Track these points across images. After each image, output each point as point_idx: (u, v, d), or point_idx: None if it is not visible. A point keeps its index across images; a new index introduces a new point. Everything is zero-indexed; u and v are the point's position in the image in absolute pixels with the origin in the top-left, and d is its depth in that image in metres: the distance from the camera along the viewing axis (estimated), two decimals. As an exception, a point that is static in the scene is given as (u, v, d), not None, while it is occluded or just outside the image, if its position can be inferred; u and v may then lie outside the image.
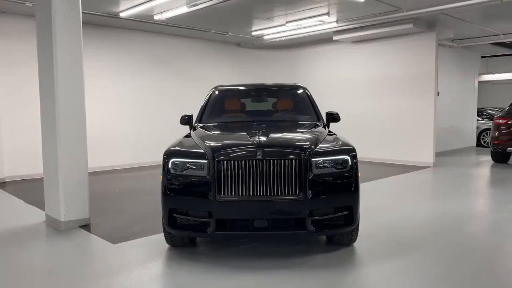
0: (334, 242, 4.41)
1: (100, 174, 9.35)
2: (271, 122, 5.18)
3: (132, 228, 5.24)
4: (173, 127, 11.08)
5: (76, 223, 5.28)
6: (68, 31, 5.10)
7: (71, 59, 5.15)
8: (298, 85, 5.89)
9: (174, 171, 3.94)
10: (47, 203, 5.53)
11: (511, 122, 9.95)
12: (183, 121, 5.38)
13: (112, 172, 9.71)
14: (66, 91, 5.13)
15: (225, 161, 3.76)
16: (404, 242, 4.63)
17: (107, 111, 9.96)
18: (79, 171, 5.31)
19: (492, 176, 9.04)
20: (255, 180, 3.74)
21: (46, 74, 5.26)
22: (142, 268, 3.92)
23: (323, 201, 3.83)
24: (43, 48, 5.29)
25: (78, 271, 3.89)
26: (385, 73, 11.07)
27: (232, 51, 12.63)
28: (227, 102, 5.67)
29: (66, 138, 5.16)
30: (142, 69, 10.66)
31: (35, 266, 4.11)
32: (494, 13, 9.21)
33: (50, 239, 4.90)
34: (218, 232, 3.80)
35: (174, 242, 4.34)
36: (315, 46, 12.48)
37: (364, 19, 9.31)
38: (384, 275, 3.72)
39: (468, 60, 14.21)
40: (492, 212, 5.98)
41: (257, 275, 3.73)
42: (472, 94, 14.69)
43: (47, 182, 5.49)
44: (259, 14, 9.21)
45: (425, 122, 10.35)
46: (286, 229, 3.84)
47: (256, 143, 3.84)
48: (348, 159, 3.96)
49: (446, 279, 3.63)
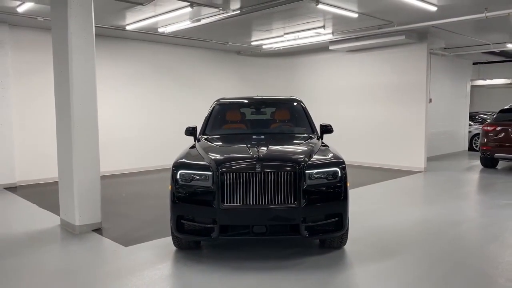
0: (326, 246, 4.86)
1: (106, 179, 9.76)
2: (269, 134, 5.63)
3: (141, 231, 5.69)
4: (175, 132, 11.57)
5: (89, 227, 5.73)
6: (82, 51, 5.55)
7: (85, 77, 5.60)
8: (294, 98, 6.35)
9: (181, 182, 4.39)
10: (62, 208, 5.97)
11: (499, 129, 10.41)
12: (188, 133, 5.83)
13: (117, 176, 10.14)
14: (80, 106, 5.57)
15: (227, 173, 4.21)
16: (390, 245, 5.08)
17: (110, 117, 10.39)
18: (92, 179, 5.76)
19: (480, 181, 9.49)
20: (255, 190, 4.19)
21: (62, 89, 5.71)
22: (152, 269, 4.37)
23: (316, 209, 4.29)
24: (59, 66, 5.74)
25: (96, 272, 4.34)
26: (379, 81, 11.53)
27: (232, 59, 13.08)
28: (229, 114, 6.13)
29: (80, 149, 5.61)
30: (145, 76, 11.11)
31: (55, 267, 4.55)
32: (482, 26, 9.67)
33: (66, 242, 5.34)
34: (222, 236, 4.25)
35: (181, 245, 4.79)
36: (312, 55, 12.95)
37: (358, 32, 9.78)
38: (371, 275, 4.18)
39: (460, 67, 14.69)
40: (477, 217, 6.42)
41: (257, 275, 4.18)
42: (464, 100, 15.16)
43: (62, 189, 5.94)
44: (259, 27, 9.66)
45: (417, 128, 10.82)
46: (282, 234, 4.29)
47: (255, 157, 4.29)
48: (338, 170, 4.41)
49: (428, 279, 4.08)
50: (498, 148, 10.36)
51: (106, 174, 10.14)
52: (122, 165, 10.61)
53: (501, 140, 10.32)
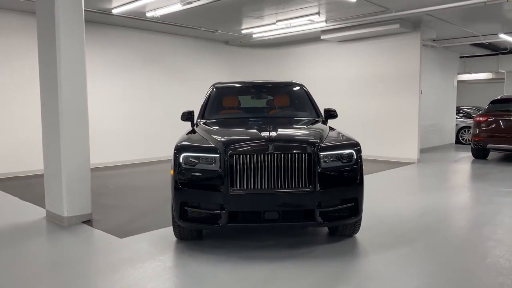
0: (338, 233, 4.60)
1: (92, 171, 9.25)
2: (274, 118, 5.32)
3: (135, 223, 5.30)
4: (162, 123, 11.17)
5: (79, 219, 5.31)
6: (71, 26, 5.12)
7: (75, 55, 5.17)
8: (296, 82, 6.06)
9: (185, 165, 4.03)
10: (48, 199, 5.53)
11: (491, 119, 10.37)
12: (184, 118, 5.45)
13: (103, 169, 9.66)
14: (69, 87, 5.14)
15: (237, 155, 3.88)
16: (402, 233, 4.85)
17: (95, 108, 9.87)
18: (82, 166, 5.34)
19: (475, 171, 9.40)
20: (266, 173, 3.87)
21: (48, 69, 5.26)
22: (154, 260, 4.01)
23: (331, 194, 4.00)
24: (45, 43, 5.28)
25: (93, 264, 3.95)
26: (370, 71, 11.36)
27: (220, 49, 12.71)
28: (229, 99, 5.78)
29: (69, 134, 5.18)
30: (132, 65, 10.64)
31: (47, 259, 4.14)
32: (475, 15, 9.60)
33: (55, 234, 4.91)
34: (230, 224, 3.92)
35: (182, 235, 4.44)
36: (302, 45, 12.68)
37: (353, 19, 9.56)
38: (389, 262, 3.92)
39: (448, 60, 14.69)
40: (482, 204, 6.26)
41: (268, 264, 3.87)
42: (452, 93, 15.19)
43: (49, 178, 5.49)
44: (250, 13, 9.33)
45: (410, 120, 10.69)
46: (295, 220, 3.99)
47: (267, 138, 3.97)
48: (354, 153, 4.13)
49: (449, 266, 3.86)
50: (491, 138, 10.32)
51: (92, 167, 9.63)
52: (108, 157, 10.11)
53: (493, 130, 10.29)
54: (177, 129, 11.54)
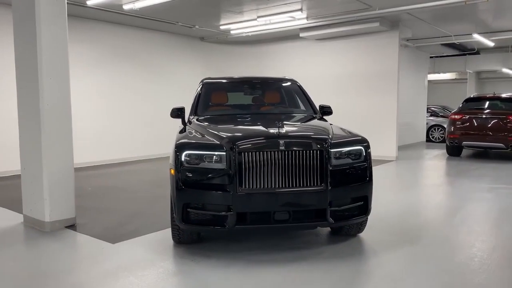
0: (343, 233, 4.45)
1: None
2: (273, 114, 5.11)
3: (125, 227, 4.96)
4: (136, 122, 10.72)
5: (62, 223, 4.90)
6: (53, 13, 4.71)
7: (57, 46, 4.77)
8: (290, 78, 5.88)
9: (188, 164, 3.75)
10: (27, 203, 5.07)
11: (465, 118, 10.61)
12: (174, 114, 5.11)
13: (77, 170, 9.06)
14: (51, 81, 4.73)
15: (246, 152, 3.65)
16: (405, 230, 4.77)
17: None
18: (65, 166, 4.93)
19: (454, 168, 9.51)
20: (277, 171, 3.66)
21: (26, 62, 4.82)
22: (155, 267, 3.71)
23: (342, 192, 3.84)
24: (22, 35, 4.84)
25: (88, 273, 3.60)
26: (349, 70, 11.36)
27: (195, 45, 12.37)
28: (224, 95, 5.52)
29: (51, 131, 4.76)
30: (105, 61, 10.13)
31: (34, 271, 3.74)
32: (451, 15, 9.80)
33: (38, 241, 4.49)
34: (238, 226, 3.68)
35: (182, 239, 4.15)
36: (280, 43, 12.54)
37: (334, 16, 9.50)
38: (404, 261, 3.81)
39: (420, 59, 14.99)
40: (472, 200, 6.29)
41: (279, 268, 3.67)
42: (423, 92, 15.51)
43: (27, 180, 5.04)
44: (231, 8, 9.08)
45: (388, 118, 10.78)
46: (306, 220, 3.80)
47: (277, 134, 3.76)
48: (363, 149, 4.00)
49: (469, 265, 3.79)
50: (465, 136, 10.55)
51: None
52: (81, 158, 9.54)
53: (468, 128, 10.52)
54: (152, 128, 11.25)
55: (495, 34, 11.86)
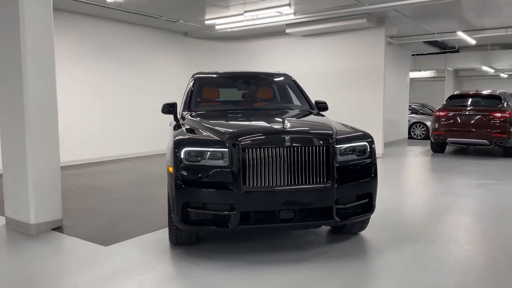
0: (345, 231, 4.34)
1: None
2: (270, 109, 4.96)
3: (116, 228, 4.72)
4: (119, 118, 10.38)
5: (48, 226, 4.62)
6: (37, 2, 4.42)
7: (42, 35, 4.48)
8: (286, 74, 5.76)
9: (187, 162, 3.56)
10: (9, 204, 4.77)
11: (450, 114, 10.70)
12: (165, 110, 4.92)
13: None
14: (35, 74, 4.44)
15: (250, 148, 3.48)
16: (406, 228, 4.71)
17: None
18: (51, 165, 4.66)
19: (441, 164, 9.53)
20: (282, 168, 3.51)
21: (7, 54, 4.52)
22: (154, 270, 3.51)
23: (348, 189, 3.72)
24: (4, 23, 4.53)
25: (82, 278, 3.36)
26: (334, 67, 11.30)
27: (178, 41, 12.08)
28: (218, 90, 5.33)
29: (36, 128, 4.48)
30: (85, 56, 9.76)
31: (20, 277, 3.48)
32: (436, 12, 9.85)
33: (23, 245, 4.20)
34: (242, 226, 3.51)
35: (180, 240, 3.96)
36: (265, 39, 12.37)
37: (323, 12, 9.40)
38: (411, 259, 3.72)
39: (402, 57, 15.11)
40: (467, 195, 6.30)
41: (285, 268, 3.52)
42: (405, 90, 15.65)
43: (9, 181, 4.73)
44: (218, 2, 8.87)
45: (374, 115, 10.78)
46: (312, 219, 3.66)
47: (281, 130, 3.61)
48: (367, 145, 3.90)
49: (477, 263, 3.73)
50: (450, 132, 10.65)
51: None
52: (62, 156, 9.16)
53: (452, 125, 10.62)
54: (135, 125, 10.92)
55: (477, 32, 12.02)
